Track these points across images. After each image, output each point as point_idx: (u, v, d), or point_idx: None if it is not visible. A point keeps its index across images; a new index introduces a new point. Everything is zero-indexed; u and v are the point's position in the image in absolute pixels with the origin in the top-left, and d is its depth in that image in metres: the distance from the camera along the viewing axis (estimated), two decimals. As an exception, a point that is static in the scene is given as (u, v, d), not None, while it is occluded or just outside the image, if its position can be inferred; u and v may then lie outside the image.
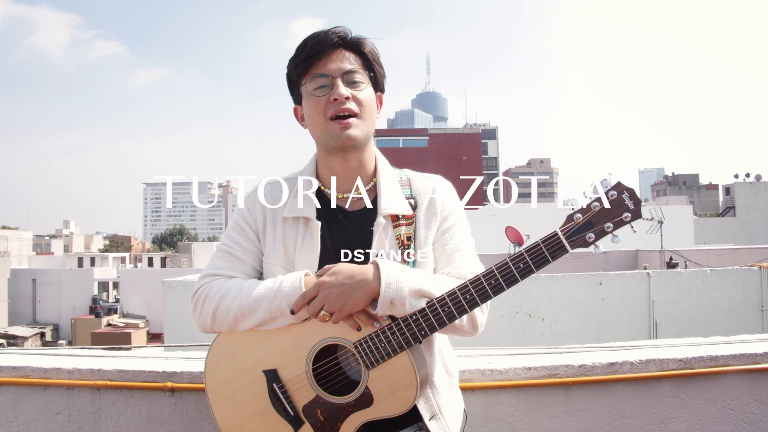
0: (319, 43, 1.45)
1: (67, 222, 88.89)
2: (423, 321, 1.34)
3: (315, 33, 1.48)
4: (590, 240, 1.29)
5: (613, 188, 1.30)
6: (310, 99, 1.47)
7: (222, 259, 1.53)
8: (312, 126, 1.50)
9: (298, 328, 1.43)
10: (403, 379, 1.36)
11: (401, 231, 1.49)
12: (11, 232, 49.63)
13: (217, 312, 1.44)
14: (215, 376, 1.50)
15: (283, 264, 1.49)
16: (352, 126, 1.45)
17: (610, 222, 1.29)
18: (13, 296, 32.69)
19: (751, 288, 9.30)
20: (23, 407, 2.00)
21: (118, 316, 31.21)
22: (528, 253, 1.30)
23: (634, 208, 1.28)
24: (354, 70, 1.46)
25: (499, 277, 1.31)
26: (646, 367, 2.00)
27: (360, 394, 1.38)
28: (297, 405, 1.42)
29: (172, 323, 9.30)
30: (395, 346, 1.34)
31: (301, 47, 1.47)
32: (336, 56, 1.46)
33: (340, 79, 1.44)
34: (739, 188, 40.96)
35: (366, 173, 1.55)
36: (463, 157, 60.93)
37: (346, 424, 1.40)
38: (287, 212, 1.51)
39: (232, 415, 1.48)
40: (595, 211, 1.30)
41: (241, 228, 1.55)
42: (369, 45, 1.51)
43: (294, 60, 1.49)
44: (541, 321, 8.71)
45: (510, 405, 1.98)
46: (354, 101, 1.45)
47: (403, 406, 1.36)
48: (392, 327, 1.35)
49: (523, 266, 1.30)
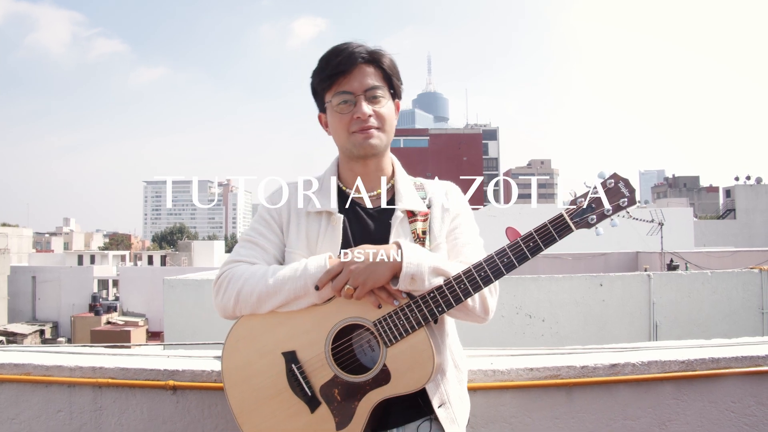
0: (342, 62, 1.54)
1: (68, 220, 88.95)
2: (440, 297, 1.42)
3: (338, 49, 1.56)
4: (592, 222, 1.42)
5: (611, 177, 1.44)
6: (335, 114, 1.58)
7: (245, 247, 1.61)
8: (336, 137, 1.62)
9: (318, 310, 1.47)
10: (421, 355, 1.40)
11: (417, 226, 1.59)
12: (11, 230, 49.65)
13: (240, 293, 1.50)
14: (233, 360, 1.53)
15: (305, 254, 1.57)
16: (373, 136, 1.56)
17: (610, 206, 1.42)
18: (12, 293, 32.70)
19: (751, 291, 9.31)
20: (25, 405, 2.00)
21: (117, 314, 31.21)
22: (537, 233, 1.42)
23: (629, 195, 1.42)
24: (375, 86, 1.56)
25: (511, 255, 1.42)
26: (648, 369, 2.00)
27: (379, 371, 1.42)
28: (314, 385, 1.46)
29: (172, 321, 9.30)
30: (413, 323, 1.41)
31: (326, 62, 1.56)
32: (358, 73, 1.55)
33: (362, 96, 1.55)
34: (740, 191, 40.96)
35: (385, 173, 1.67)
36: (464, 158, 60.95)
37: (362, 403, 1.42)
38: (311, 207, 1.61)
39: (248, 399, 1.51)
40: (595, 197, 1.43)
41: (265, 220, 1.64)
42: (388, 59, 1.60)
43: (318, 74, 1.58)
44: (541, 322, 8.71)
45: (512, 405, 1.98)
46: (375, 116, 1.56)
47: (420, 382, 1.40)
48: (410, 305, 1.42)
49: (532, 245, 1.41)
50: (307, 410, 1.46)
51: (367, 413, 1.42)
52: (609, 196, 1.42)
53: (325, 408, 1.45)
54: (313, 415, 1.46)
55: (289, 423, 1.47)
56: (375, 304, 1.43)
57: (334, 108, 1.57)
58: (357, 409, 1.42)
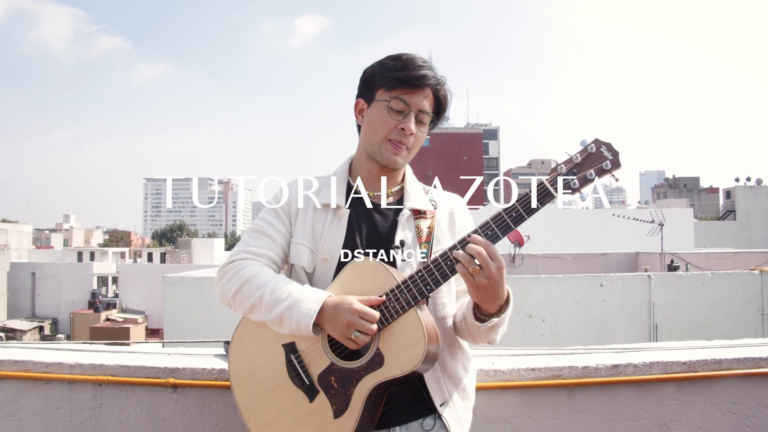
0: (418, 77, 1.55)
1: (67, 216, 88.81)
2: (428, 276, 1.43)
3: (418, 63, 1.57)
4: (575, 187, 1.40)
5: (592, 143, 1.42)
6: (383, 113, 1.58)
7: (254, 237, 1.63)
8: (371, 132, 1.61)
9: None
10: (412, 335, 1.40)
11: (421, 223, 1.61)
12: (11, 226, 49.67)
13: (238, 293, 1.52)
14: (238, 357, 1.56)
15: (309, 246, 1.60)
16: (401, 153, 1.59)
17: (592, 170, 1.40)
18: (12, 289, 32.73)
19: (752, 292, 9.31)
20: (24, 401, 1.99)
21: (117, 311, 31.26)
22: (518, 203, 1.42)
23: (612, 158, 1.40)
24: (427, 112, 1.59)
25: (494, 227, 1.42)
26: (649, 370, 2.00)
27: (372, 355, 1.42)
28: (312, 374, 1.47)
29: (172, 319, 9.31)
30: (403, 304, 1.42)
31: (402, 66, 1.56)
32: (423, 92, 1.57)
33: (414, 114, 1.57)
34: (740, 192, 41.00)
35: (396, 178, 1.70)
36: (464, 157, 60.94)
37: (358, 389, 1.42)
38: (319, 200, 1.64)
39: (253, 394, 1.52)
40: (576, 162, 1.42)
41: (275, 211, 1.66)
42: (445, 91, 1.62)
43: (388, 71, 1.57)
44: (541, 322, 8.71)
45: (513, 406, 1.97)
46: (413, 136, 1.59)
47: (413, 363, 1.39)
48: (400, 286, 1.44)
49: (515, 215, 1.41)
50: (306, 399, 1.47)
51: (362, 399, 1.41)
52: (591, 160, 1.41)
53: (323, 396, 1.45)
54: (312, 404, 1.46)
55: (289, 414, 1.48)
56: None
57: (387, 107, 1.57)
58: (353, 396, 1.42)
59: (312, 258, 1.59)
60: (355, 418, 1.41)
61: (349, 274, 1.50)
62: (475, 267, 1.38)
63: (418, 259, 1.56)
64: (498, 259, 1.39)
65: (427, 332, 1.40)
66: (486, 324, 1.48)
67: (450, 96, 1.64)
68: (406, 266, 1.54)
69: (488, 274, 1.38)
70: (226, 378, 1.93)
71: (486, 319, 1.49)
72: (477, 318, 1.50)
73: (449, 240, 1.63)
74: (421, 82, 1.55)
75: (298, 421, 1.47)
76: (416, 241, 1.58)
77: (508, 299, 1.49)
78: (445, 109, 1.64)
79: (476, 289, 1.41)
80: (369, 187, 1.67)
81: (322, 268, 1.57)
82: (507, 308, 1.49)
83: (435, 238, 1.61)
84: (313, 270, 1.59)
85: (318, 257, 1.58)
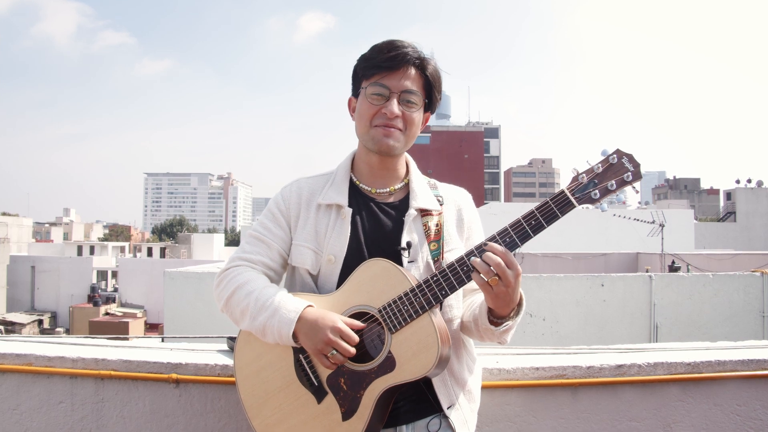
0: (391, 57, 1.52)
1: (68, 210, 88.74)
2: (443, 281, 1.41)
3: (392, 44, 1.54)
4: (595, 197, 1.38)
5: (613, 153, 1.39)
6: (365, 101, 1.56)
7: (251, 244, 1.61)
8: (358, 124, 1.60)
9: (326, 299, 1.49)
10: (425, 340, 1.39)
11: (429, 221, 1.58)
12: (11, 219, 49.62)
13: (230, 300, 1.52)
14: (244, 354, 1.55)
15: (313, 248, 1.57)
16: (393, 136, 1.54)
17: (613, 181, 1.38)
18: (11, 283, 32.76)
19: (752, 294, 9.30)
20: (26, 395, 1.98)
21: (116, 305, 31.25)
22: (538, 210, 1.38)
23: (634, 169, 1.38)
24: (412, 91, 1.54)
25: (513, 234, 1.39)
26: (653, 370, 1.99)
27: (384, 358, 1.41)
28: (321, 375, 1.46)
29: (172, 314, 9.29)
30: (417, 308, 1.40)
31: (376, 52, 1.54)
32: (402, 72, 1.53)
33: (397, 96, 1.53)
34: (740, 193, 40.91)
35: (399, 173, 1.66)
36: (465, 155, 60.93)
37: (368, 392, 1.41)
38: (321, 200, 1.60)
39: (258, 392, 1.51)
40: (598, 172, 1.38)
41: (273, 215, 1.63)
42: (433, 69, 1.58)
43: (365, 61, 1.56)
44: (542, 321, 8.70)
45: (517, 405, 1.97)
46: (402, 119, 1.54)
47: (425, 368, 1.37)
48: (414, 290, 1.41)
49: (534, 222, 1.38)
50: (314, 401, 1.45)
51: (372, 402, 1.40)
52: (612, 171, 1.38)
53: (332, 398, 1.44)
54: (320, 406, 1.45)
55: (296, 414, 1.47)
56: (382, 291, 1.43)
57: (367, 96, 1.54)
58: (363, 399, 1.41)
59: (316, 259, 1.56)
60: (365, 421, 1.40)
61: (361, 274, 1.47)
62: (495, 278, 1.35)
63: (426, 258, 1.54)
64: (515, 267, 1.37)
65: (441, 338, 1.38)
66: (500, 328, 1.47)
67: (439, 72, 1.59)
68: (413, 267, 1.52)
69: (506, 282, 1.36)
70: (229, 374, 1.92)
71: (500, 322, 1.47)
72: (491, 321, 1.48)
73: (457, 238, 1.62)
74: (395, 62, 1.51)
75: (305, 422, 1.46)
76: (424, 239, 1.55)
77: (521, 302, 1.48)
78: (438, 85, 1.60)
79: (494, 297, 1.39)
80: (372, 182, 1.64)
81: (327, 269, 1.55)
82: (520, 311, 1.48)
83: (444, 236, 1.58)
84: (318, 272, 1.56)
85: (322, 258, 1.56)
